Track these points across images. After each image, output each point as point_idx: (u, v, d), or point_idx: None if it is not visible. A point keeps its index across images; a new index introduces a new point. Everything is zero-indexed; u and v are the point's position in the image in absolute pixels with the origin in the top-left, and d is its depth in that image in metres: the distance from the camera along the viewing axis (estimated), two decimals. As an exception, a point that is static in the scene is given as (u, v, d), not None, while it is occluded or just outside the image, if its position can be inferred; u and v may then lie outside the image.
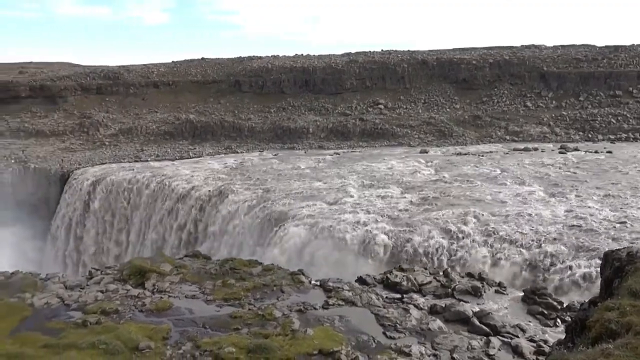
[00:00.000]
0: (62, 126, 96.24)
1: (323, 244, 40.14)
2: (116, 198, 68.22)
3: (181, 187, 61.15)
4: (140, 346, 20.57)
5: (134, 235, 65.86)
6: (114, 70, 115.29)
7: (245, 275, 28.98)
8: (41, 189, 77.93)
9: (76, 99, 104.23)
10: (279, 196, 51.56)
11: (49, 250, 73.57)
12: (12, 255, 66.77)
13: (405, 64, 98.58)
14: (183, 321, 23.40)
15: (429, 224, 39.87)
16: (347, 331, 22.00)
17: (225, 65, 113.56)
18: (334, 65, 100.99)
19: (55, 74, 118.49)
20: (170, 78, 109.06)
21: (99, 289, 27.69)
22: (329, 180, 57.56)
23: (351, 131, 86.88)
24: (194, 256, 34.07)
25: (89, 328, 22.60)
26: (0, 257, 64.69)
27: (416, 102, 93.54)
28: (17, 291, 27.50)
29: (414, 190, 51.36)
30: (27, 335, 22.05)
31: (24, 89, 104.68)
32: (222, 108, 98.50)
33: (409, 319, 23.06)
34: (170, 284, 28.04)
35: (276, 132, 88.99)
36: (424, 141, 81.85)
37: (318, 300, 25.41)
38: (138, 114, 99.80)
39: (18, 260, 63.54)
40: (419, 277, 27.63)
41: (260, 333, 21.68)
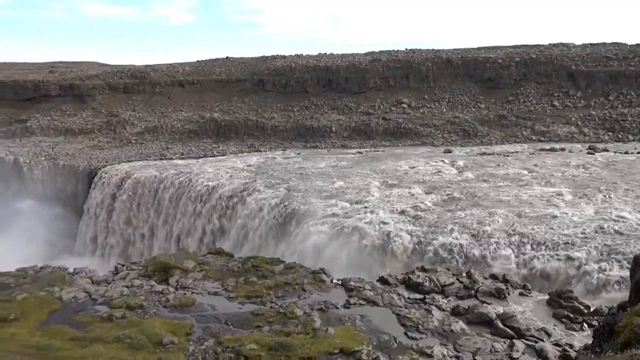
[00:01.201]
0: (90, 124, 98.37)
1: (345, 242, 40.12)
2: (142, 195, 69.42)
3: (205, 185, 61.86)
4: (164, 341, 20.89)
5: (158, 231, 66.94)
6: (140, 69, 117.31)
7: (267, 273, 29.16)
8: (70, 186, 79.86)
9: (104, 98, 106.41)
10: (301, 195, 51.70)
11: (77, 244, 75.33)
12: (41, 248, 68.76)
13: (429, 62, 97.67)
14: (206, 317, 23.67)
15: (452, 224, 39.46)
16: (368, 331, 21.94)
17: (249, 64, 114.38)
18: (357, 64, 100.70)
19: (84, 73, 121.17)
20: (195, 77, 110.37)
21: (125, 284, 28.24)
22: (351, 180, 57.45)
23: (374, 130, 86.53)
24: (217, 253, 34.45)
25: (114, 322, 23.07)
26: (31, 249, 66.70)
27: (440, 101, 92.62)
28: (46, 285, 28.25)
29: (437, 190, 50.89)
30: (55, 328, 22.63)
31: (54, 87, 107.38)
32: (245, 107, 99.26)
33: (430, 320, 22.87)
34: (194, 280, 28.42)
35: (299, 131, 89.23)
36: (447, 141, 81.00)
37: (339, 299, 25.40)
38: (163, 113, 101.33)
39: (47, 253, 65.45)
40: (441, 278, 27.37)
41: (281, 331, 21.78)
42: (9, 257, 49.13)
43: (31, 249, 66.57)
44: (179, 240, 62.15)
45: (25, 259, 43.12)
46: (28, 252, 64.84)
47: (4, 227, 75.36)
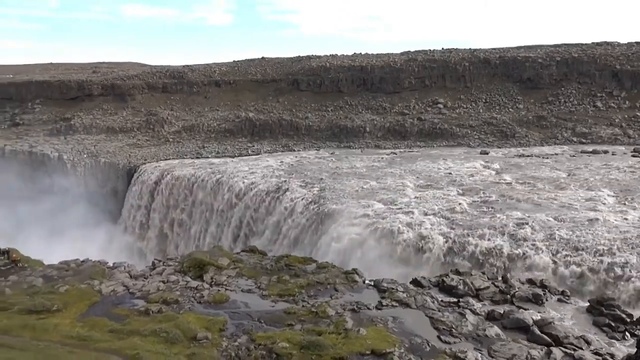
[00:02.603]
0: (130, 123, 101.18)
1: (378, 243, 39.90)
2: (178, 192, 70.92)
3: (240, 184, 62.66)
4: (198, 336, 21.29)
5: (194, 227, 68.24)
6: (178, 69, 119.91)
7: (300, 272, 29.32)
8: (110, 182, 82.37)
9: (143, 97, 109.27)
10: (335, 195, 51.71)
11: (117, 237, 77.57)
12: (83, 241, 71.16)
13: (466, 62, 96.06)
14: (239, 314, 23.99)
15: (488, 227, 38.69)
16: (400, 333, 21.76)
17: (285, 64, 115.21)
18: (393, 64, 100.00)
19: (125, 73, 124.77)
20: (231, 77, 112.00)
21: (161, 279, 28.92)
22: (385, 180, 57.10)
23: (409, 131, 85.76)
24: (251, 251, 34.86)
25: (151, 316, 23.65)
26: (74, 241, 69.16)
27: (477, 101, 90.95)
28: (87, 278, 29.23)
29: (473, 192, 50.00)
30: (95, 320, 23.37)
31: (96, 87, 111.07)
32: (280, 106, 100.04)
33: (464, 324, 22.49)
34: (228, 277, 28.84)
35: (333, 131, 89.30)
36: (484, 142, 79.49)
37: (371, 300, 25.29)
38: (200, 112, 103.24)
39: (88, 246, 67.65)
40: (476, 282, 26.90)
41: (313, 330, 21.85)
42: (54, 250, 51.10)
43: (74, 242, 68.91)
44: (213, 237, 63.18)
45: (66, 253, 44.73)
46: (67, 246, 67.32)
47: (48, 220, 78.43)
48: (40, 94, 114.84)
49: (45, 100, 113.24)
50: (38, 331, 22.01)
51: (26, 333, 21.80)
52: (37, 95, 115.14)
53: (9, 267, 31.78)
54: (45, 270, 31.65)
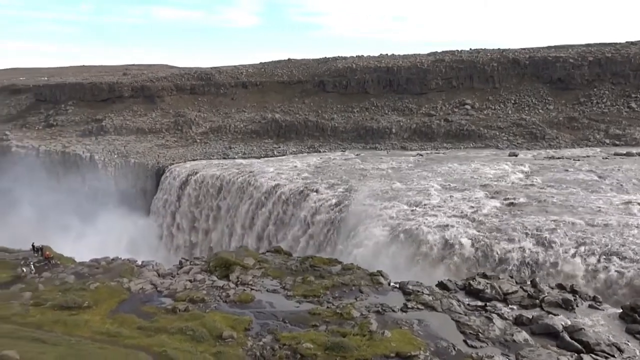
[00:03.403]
0: (159, 124, 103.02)
1: (403, 245, 39.62)
2: (205, 192, 71.87)
3: (266, 185, 63.09)
4: (223, 335, 21.54)
5: (220, 227, 69.02)
6: (206, 71, 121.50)
7: (325, 273, 29.35)
8: (139, 182, 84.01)
9: (172, 99, 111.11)
10: (360, 196, 51.56)
11: (146, 235, 78.99)
12: (114, 239, 72.79)
13: (494, 62, 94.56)
14: (264, 314, 24.16)
15: (517, 230, 37.99)
16: (425, 336, 21.56)
17: (311, 65, 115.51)
18: (419, 65, 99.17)
19: (154, 75, 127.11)
20: (258, 78, 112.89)
21: (188, 278, 29.38)
22: (411, 182, 56.66)
23: (435, 132, 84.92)
24: (276, 252, 35.08)
25: (178, 314, 24.05)
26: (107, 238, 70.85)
27: (505, 102, 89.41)
28: (117, 276, 29.91)
29: (501, 194, 49.17)
30: (124, 317, 23.89)
31: (127, 89, 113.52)
32: (306, 108, 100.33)
33: (492, 329, 22.14)
34: (253, 277, 29.10)
35: (359, 132, 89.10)
36: (513, 143, 78.08)
37: (397, 302, 25.13)
38: (227, 113, 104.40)
39: (119, 244, 69.22)
40: (504, 286, 26.43)
41: (337, 331, 21.84)
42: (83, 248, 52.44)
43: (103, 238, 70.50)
44: (239, 237, 63.77)
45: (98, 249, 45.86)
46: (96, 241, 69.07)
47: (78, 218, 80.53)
48: (73, 96, 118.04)
49: (77, 101, 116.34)
50: (69, 327, 22.62)
51: (58, 328, 22.43)
52: (70, 97, 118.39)
53: (42, 263, 32.76)
54: (77, 268, 32.54)
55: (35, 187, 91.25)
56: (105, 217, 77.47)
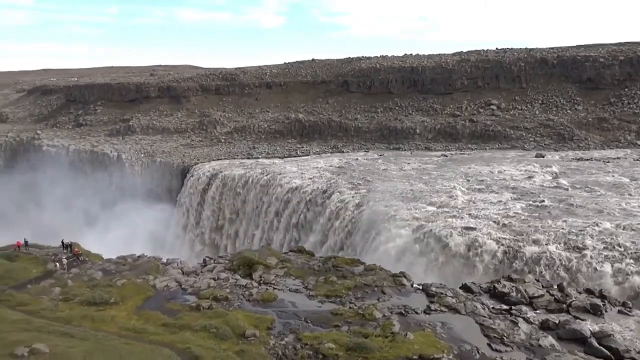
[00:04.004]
0: (185, 124, 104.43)
1: (427, 247, 39.28)
2: (229, 191, 72.52)
3: (289, 184, 63.31)
4: (246, 333, 21.72)
5: (243, 226, 69.56)
6: (230, 71, 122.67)
7: (347, 273, 29.33)
8: (165, 180, 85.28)
9: (197, 99, 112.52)
10: (384, 197, 51.33)
11: (171, 233, 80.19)
12: (139, 235, 74.14)
13: (521, 62, 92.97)
14: (286, 313, 24.28)
15: (544, 233, 37.26)
16: (449, 339, 21.34)
17: (334, 65, 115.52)
18: (444, 65, 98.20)
19: (180, 75, 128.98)
20: (282, 79, 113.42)
21: (212, 276, 29.72)
22: (435, 183, 56.14)
23: (460, 133, 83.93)
24: (298, 251, 35.22)
25: (201, 312, 24.35)
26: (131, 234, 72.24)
27: (532, 102, 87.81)
28: (143, 273, 30.44)
29: (528, 196, 48.31)
30: (149, 314, 24.31)
31: (153, 89, 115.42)
32: (329, 108, 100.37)
33: (517, 333, 21.78)
34: (276, 276, 29.27)
35: (382, 132, 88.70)
36: (540, 144, 76.63)
37: (420, 304, 24.95)
38: (251, 113, 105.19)
39: (146, 241, 70.45)
40: (529, 289, 25.98)
41: (360, 332, 21.80)
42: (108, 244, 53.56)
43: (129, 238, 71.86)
44: (262, 236, 64.16)
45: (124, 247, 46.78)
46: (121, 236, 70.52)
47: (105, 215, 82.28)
48: (101, 96, 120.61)
49: (106, 102, 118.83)
50: (97, 322, 23.13)
51: (86, 323, 22.96)
52: (99, 97, 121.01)
53: (71, 260, 33.56)
54: (104, 264, 33.24)
55: (65, 184, 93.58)
56: (130, 214, 78.97)
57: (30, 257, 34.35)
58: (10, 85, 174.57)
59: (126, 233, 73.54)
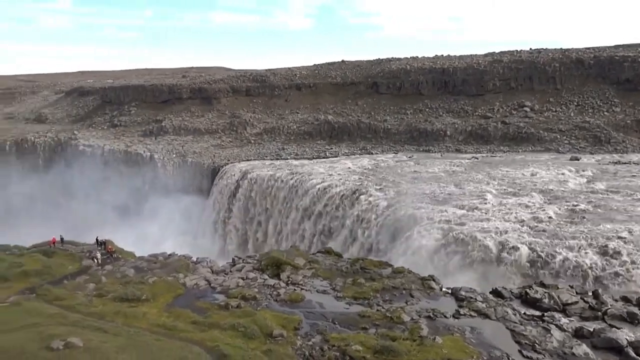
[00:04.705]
0: (215, 125, 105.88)
1: (456, 250, 38.74)
2: (258, 192, 73.15)
3: (317, 185, 63.44)
4: (274, 333, 21.88)
5: (272, 226, 70.03)
6: (261, 73, 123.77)
7: (375, 275, 29.21)
8: (196, 180, 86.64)
9: (228, 100, 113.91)
10: (413, 199, 50.89)
11: (201, 231, 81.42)
12: (172, 233, 75.63)
13: (556, 63, 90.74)
14: (313, 314, 24.33)
15: (578, 238, 36.27)
16: (478, 344, 21.00)
17: (364, 67, 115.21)
18: (476, 66, 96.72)
19: (211, 77, 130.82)
20: (311, 80, 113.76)
21: (240, 275, 30.07)
22: (465, 185, 55.34)
23: (492, 135, 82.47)
24: (326, 252, 35.26)
25: (230, 311, 24.65)
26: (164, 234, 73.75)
27: (568, 104, 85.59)
28: (173, 271, 31.05)
29: (562, 200, 47.11)
30: (179, 311, 24.76)
31: (185, 91, 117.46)
32: (359, 109, 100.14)
33: (549, 340, 21.27)
34: (303, 277, 29.39)
35: (412, 134, 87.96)
36: (575, 147, 74.61)
37: (448, 308, 24.65)
38: (281, 115, 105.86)
39: (177, 239, 71.82)
40: (563, 296, 25.34)
41: (387, 335, 21.67)
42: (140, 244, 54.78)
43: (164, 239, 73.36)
44: (290, 237, 64.46)
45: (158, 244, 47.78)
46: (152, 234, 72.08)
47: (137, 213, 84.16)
48: (135, 98, 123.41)
49: (140, 103, 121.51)
50: (129, 318, 23.68)
51: (118, 319, 23.54)
52: (133, 98, 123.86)
53: (105, 257, 34.48)
54: (137, 262, 34.03)
55: (99, 184, 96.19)
56: (162, 213, 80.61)
57: (67, 254, 35.45)
58: (50, 87, 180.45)
59: (157, 230, 75.15)
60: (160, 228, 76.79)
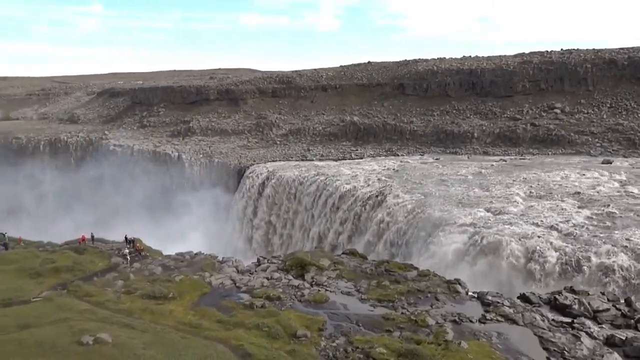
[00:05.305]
0: (242, 126, 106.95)
1: (483, 254, 38.17)
2: (284, 192, 73.55)
3: (342, 187, 63.41)
4: (298, 334, 21.93)
5: (297, 227, 70.31)
6: (287, 74, 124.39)
7: (400, 278, 28.99)
8: (222, 180, 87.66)
9: (254, 102, 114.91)
10: (439, 201, 50.38)
11: (228, 232, 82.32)
12: (198, 231, 76.73)
13: (588, 64, 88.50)
14: (337, 316, 24.30)
15: (610, 243, 35.29)
16: (505, 350, 20.63)
17: (390, 68, 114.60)
18: (505, 67, 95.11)
19: (238, 79, 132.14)
20: (337, 81, 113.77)
21: (265, 275, 30.25)
22: (493, 188, 54.48)
23: (521, 137, 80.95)
24: (351, 254, 35.16)
25: (254, 310, 24.82)
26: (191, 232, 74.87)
27: (600, 106, 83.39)
28: (199, 270, 31.46)
29: (593, 204, 45.92)
30: (205, 310, 25.06)
31: (212, 92, 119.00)
32: (384, 111, 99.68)
33: (579, 348, 20.74)
34: (328, 278, 29.37)
35: (438, 136, 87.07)
36: (607, 150, 72.62)
37: (474, 312, 24.28)
38: (307, 116, 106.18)
39: (203, 237, 72.81)
40: (594, 302, 24.67)
41: (412, 338, 21.49)
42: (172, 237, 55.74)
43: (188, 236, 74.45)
44: (314, 238, 64.58)
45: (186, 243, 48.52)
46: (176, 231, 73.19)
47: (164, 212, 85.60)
48: (164, 99, 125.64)
49: (168, 104, 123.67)
50: (156, 315, 24.09)
51: (146, 316, 23.96)
52: (162, 99, 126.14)
53: (133, 255, 35.15)
54: (164, 260, 34.60)
55: (128, 183, 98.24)
56: (189, 212, 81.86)
57: (97, 251, 36.28)
58: (82, 89, 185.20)
59: (184, 229, 76.31)
60: (186, 227, 77.99)
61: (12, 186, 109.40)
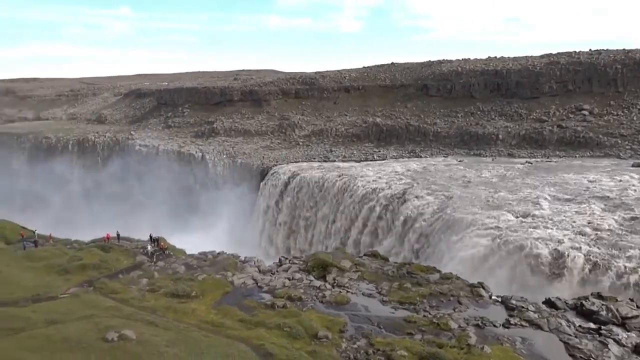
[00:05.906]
0: (265, 127, 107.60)
1: (507, 258, 37.59)
2: (306, 193, 73.68)
3: (365, 188, 63.21)
4: (319, 334, 21.95)
5: (319, 227, 70.31)
6: (310, 76, 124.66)
7: (422, 280, 28.77)
8: (245, 181, 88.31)
9: (277, 103, 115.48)
10: (462, 204, 49.80)
11: (250, 232, 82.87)
12: (221, 230, 77.47)
13: (618, 64, 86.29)
14: (359, 317, 24.24)
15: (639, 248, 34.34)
16: (529, 355, 20.28)
17: (414, 69, 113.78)
18: (531, 68, 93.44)
19: (262, 80, 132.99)
20: (360, 83, 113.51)
21: (287, 276, 30.36)
22: (518, 191, 53.58)
23: (547, 139, 79.40)
24: (373, 256, 35.02)
25: (276, 310, 24.94)
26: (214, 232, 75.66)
27: (630, 107, 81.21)
28: (221, 269, 31.77)
29: (622, 208, 44.74)
30: (227, 309, 25.29)
31: (236, 93, 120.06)
32: (408, 112, 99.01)
33: (606, 355, 20.26)
34: (349, 280, 29.33)
35: (462, 138, 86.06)
36: (637, 153, 70.63)
37: (498, 317, 23.93)
38: (329, 117, 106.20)
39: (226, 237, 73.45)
40: (622, 309, 24.05)
41: (434, 342, 21.30)
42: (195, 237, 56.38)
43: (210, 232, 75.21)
44: (336, 239, 64.50)
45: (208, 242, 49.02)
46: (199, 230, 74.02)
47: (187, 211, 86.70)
48: (189, 100, 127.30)
49: (193, 105, 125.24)
50: (179, 313, 24.42)
51: (169, 314, 24.31)
52: (186, 100, 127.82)
53: (158, 253, 35.70)
54: (187, 259, 35.04)
55: (153, 182, 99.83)
56: (212, 211, 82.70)
57: (122, 249, 36.96)
58: (110, 90, 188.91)
59: (207, 228, 77.15)
60: (209, 226, 78.80)
61: (41, 184, 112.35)
